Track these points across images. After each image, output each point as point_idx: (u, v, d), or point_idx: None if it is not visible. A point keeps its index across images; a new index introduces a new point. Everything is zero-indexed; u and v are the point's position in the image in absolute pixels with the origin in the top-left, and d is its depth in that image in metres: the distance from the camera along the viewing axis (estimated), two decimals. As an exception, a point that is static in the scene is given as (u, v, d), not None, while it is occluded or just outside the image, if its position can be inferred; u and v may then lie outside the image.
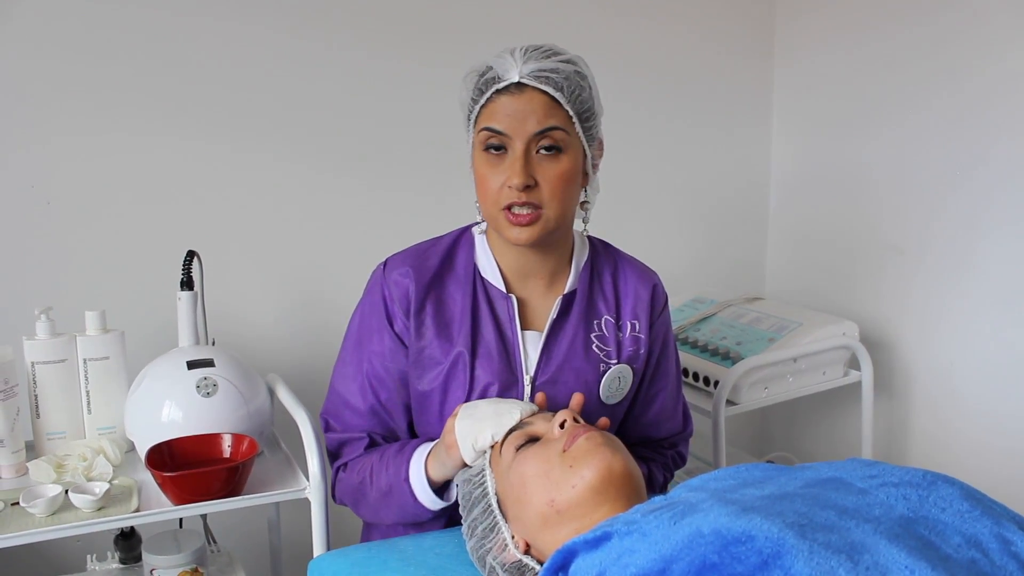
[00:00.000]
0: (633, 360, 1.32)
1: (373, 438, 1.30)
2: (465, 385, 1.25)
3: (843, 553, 0.77)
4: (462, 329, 1.26)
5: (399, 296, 1.27)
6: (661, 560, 0.81)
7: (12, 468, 1.39)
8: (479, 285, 1.29)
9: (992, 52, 1.82)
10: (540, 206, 1.18)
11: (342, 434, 1.32)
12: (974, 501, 0.88)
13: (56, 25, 1.64)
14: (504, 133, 1.16)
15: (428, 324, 1.26)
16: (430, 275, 1.28)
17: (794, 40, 2.30)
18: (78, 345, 1.44)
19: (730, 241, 2.40)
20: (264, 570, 1.81)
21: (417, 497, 1.21)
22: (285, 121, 1.84)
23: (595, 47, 2.09)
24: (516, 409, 1.13)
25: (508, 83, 1.16)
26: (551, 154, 1.18)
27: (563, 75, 1.17)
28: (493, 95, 1.17)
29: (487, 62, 1.20)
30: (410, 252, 1.32)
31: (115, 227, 1.74)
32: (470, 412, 1.15)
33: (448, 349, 1.26)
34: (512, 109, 1.16)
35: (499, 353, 1.26)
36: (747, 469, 1.01)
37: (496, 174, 1.18)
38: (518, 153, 1.16)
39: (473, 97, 1.20)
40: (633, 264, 1.37)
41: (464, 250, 1.31)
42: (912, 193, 2.02)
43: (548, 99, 1.16)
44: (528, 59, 1.16)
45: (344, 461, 1.31)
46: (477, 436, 1.12)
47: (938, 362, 2.01)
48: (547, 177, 1.17)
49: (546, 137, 1.17)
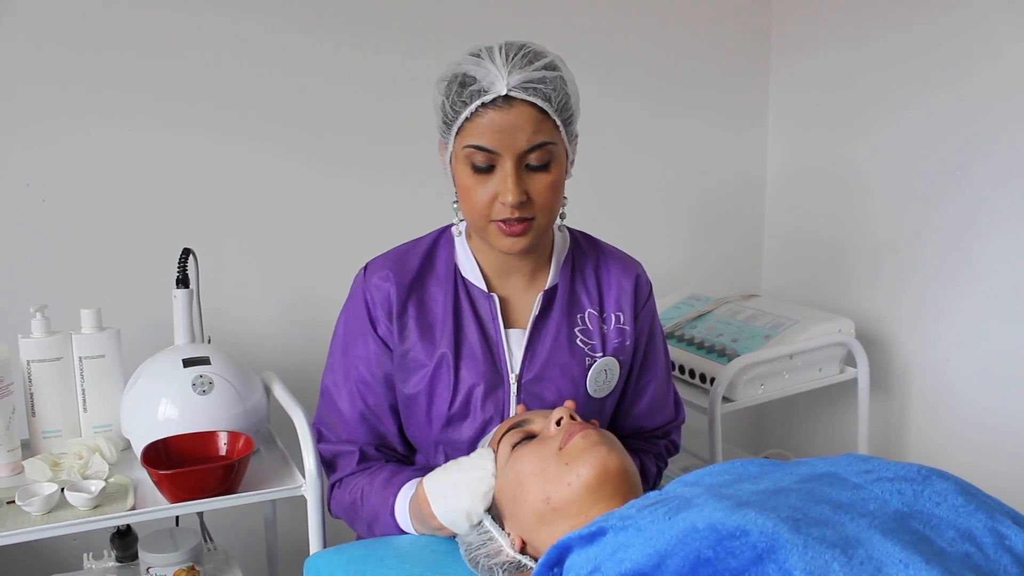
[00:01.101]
0: (619, 352, 1.32)
1: (364, 451, 1.30)
2: (450, 387, 1.25)
3: (837, 547, 0.77)
4: (445, 330, 1.25)
5: (381, 300, 1.27)
6: (656, 555, 0.81)
7: (8, 466, 1.39)
8: (460, 285, 1.28)
9: (988, 51, 1.83)
10: (532, 217, 1.17)
11: (335, 446, 1.32)
12: (969, 496, 0.89)
13: (51, 23, 1.64)
14: (493, 151, 1.13)
15: (411, 327, 1.26)
16: (410, 277, 1.27)
17: (790, 38, 2.30)
18: (74, 343, 1.44)
19: (726, 238, 2.40)
20: (260, 568, 1.81)
21: (404, 530, 1.24)
22: (281, 119, 1.83)
23: (591, 45, 2.10)
24: (486, 464, 1.13)
25: (495, 96, 1.11)
26: (541, 167, 1.16)
27: (551, 85, 1.13)
28: (479, 108, 1.12)
29: (465, 69, 1.14)
30: (390, 255, 1.31)
31: (110, 225, 1.73)
32: (442, 493, 1.13)
33: (432, 351, 1.25)
34: (501, 124, 1.12)
35: (483, 353, 1.26)
36: (742, 465, 1.02)
37: (484, 188, 1.15)
38: (509, 170, 1.13)
39: (454, 107, 1.15)
40: (616, 255, 1.36)
41: (444, 250, 1.31)
42: (908, 191, 2.03)
43: (537, 112, 1.13)
44: (512, 68, 1.11)
45: (339, 477, 1.31)
46: (469, 513, 1.12)
47: (934, 359, 2.02)
48: (538, 189, 1.16)
49: (535, 153, 1.14)
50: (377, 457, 1.32)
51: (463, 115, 1.14)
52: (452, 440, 1.27)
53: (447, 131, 1.18)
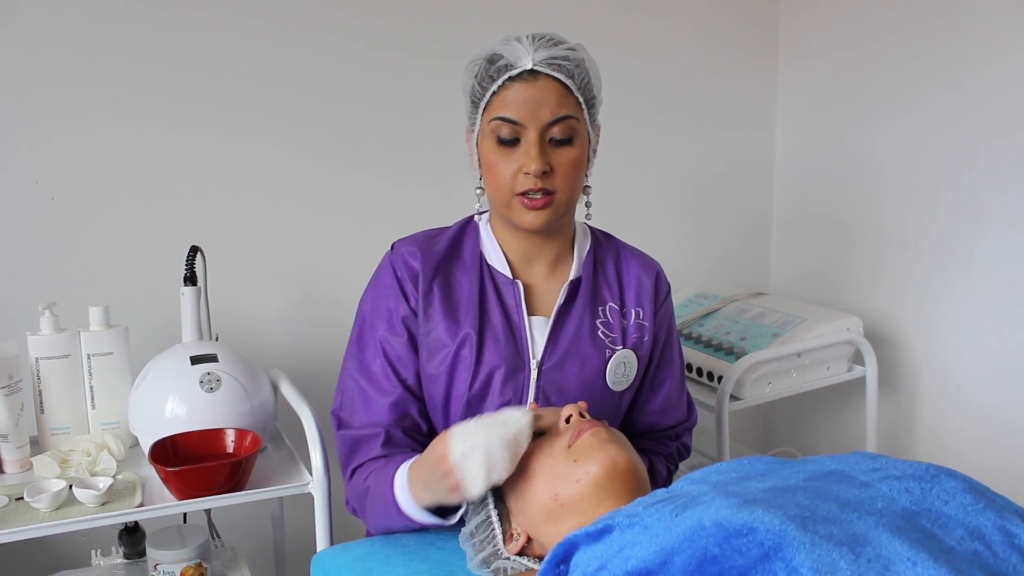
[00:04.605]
0: (638, 347, 1.32)
1: (391, 433, 1.25)
2: (471, 367, 1.24)
3: (845, 545, 0.77)
4: (470, 312, 1.26)
5: (410, 275, 1.27)
6: (663, 552, 0.81)
7: (16, 463, 1.39)
8: (486, 271, 1.29)
9: (994, 48, 1.82)
10: (553, 191, 1.20)
11: (357, 430, 1.26)
12: (977, 494, 0.88)
13: (61, 21, 1.64)
14: (518, 122, 1.17)
15: (436, 307, 1.26)
16: (437, 259, 1.28)
17: (798, 36, 2.29)
18: (82, 340, 1.44)
19: (734, 237, 2.40)
20: (268, 565, 1.81)
21: (398, 502, 1.16)
22: (289, 116, 1.84)
23: (600, 43, 2.08)
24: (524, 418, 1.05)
25: (521, 70, 1.17)
26: (563, 141, 1.19)
27: (574, 63, 1.19)
28: (506, 82, 1.18)
29: (494, 49, 1.20)
30: (417, 236, 1.33)
31: (119, 223, 1.74)
32: (469, 430, 1.04)
33: (455, 332, 1.25)
34: (526, 96, 1.17)
35: (506, 337, 1.26)
36: (749, 462, 1.01)
37: (509, 161, 1.19)
38: (533, 140, 1.17)
39: (482, 84, 1.20)
40: (635, 253, 1.38)
41: (470, 239, 1.32)
42: (916, 188, 2.02)
43: (560, 87, 1.18)
44: (538, 47, 1.17)
45: (361, 461, 1.25)
46: (490, 458, 1.02)
47: (942, 357, 2.01)
48: (560, 163, 1.19)
49: (559, 125, 1.18)
50: (402, 441, 1.26)
51: (491, 90, 1.19)
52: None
53: (474, 111, 1.23)
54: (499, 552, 1.08)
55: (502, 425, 1.04)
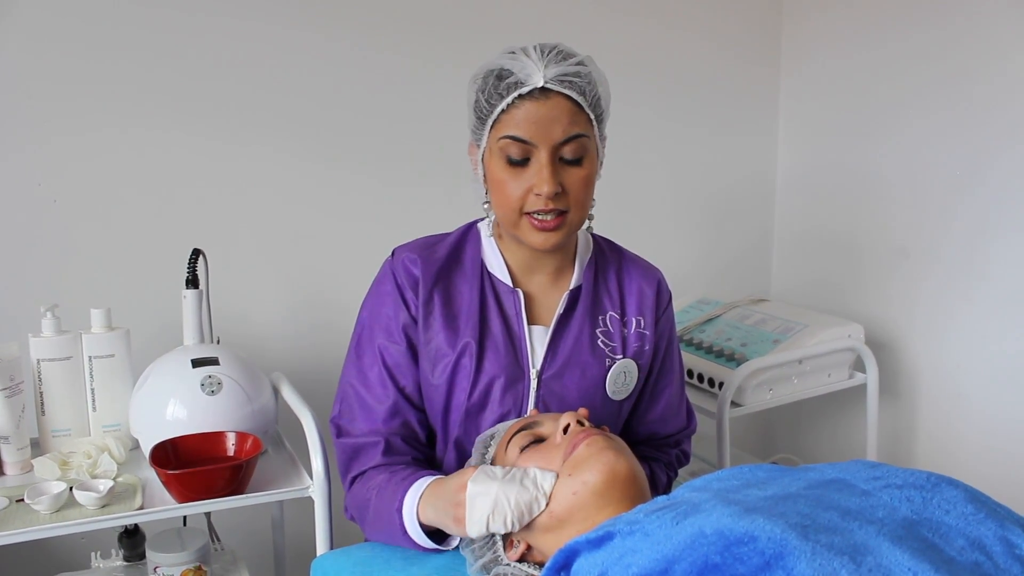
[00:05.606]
0: (638, 356, 1.32)
1: (390, 442, 1.25)
2: (471, 376, 1.24)
3: (846, 555, 0.77)
4: (470, 321, 1.25)
5: (411, 282, 1.26)
6: (663, 560, 0.81)
7: (17, 465, 1.39)
8: (486, 280, 1.29)
9: (999, 56, 1.82)
10: (566, 210, 1.18)
11: (357, 439, 1.26)
12: (978, 504, 0.88)
13: (62, 22, 1.65)
14: (528, 141, 1.15)
15: (436, 315, 1.26)
16: (437, 267, 1.27)
17: (801, 44, 2.29)
18: (83, 343, 1.44)
19: (736, 243, 2.40)
20: (267, 568, 1.81)
21: (404, 521, 1.16)
22: (291, 119, 1.84)
23: (603, 50, 2.08)
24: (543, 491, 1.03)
25: (532, 88, 1.14)
26: (575, 160, 1.17)
27: (585, 79, 1.16)
28: (515, 100, 1.14)
29: (501, 63, 1.16)
30: (417, 243, 1.32)
31: (121, 225, 1.74)
32: (487, 504, 1.04)
33: (455, 341, 1.25)
34: (537, 116, 1.14)
35: (506, 346, 1.26)
36: (750, 470, 1.01)
37: (519, 181, 1.17)
38: (544, 161, 1.15)
39: (490, 100, 1.17)
40: (637, 262, 1.38)
41: (471, 246, 1.31)
42: (918, 197, 2.02)
43: (572, 104, 1.15)
44: (549, 62, 1.14)
45: (362, 470, 1.25)
46: (493, 514, 1.03)
47: (944, 365, 2.01)
48: (572, 182, 1.18)
49: (570, 145, 1.16)
50: (402, 450, 1.26)
51: (499, 107, 1.15)
52: (468, 433, 1.26)
53: (481, 126, 1.20)
54: (499, 558, 1.08)
55: (521, 486, 1.04)
